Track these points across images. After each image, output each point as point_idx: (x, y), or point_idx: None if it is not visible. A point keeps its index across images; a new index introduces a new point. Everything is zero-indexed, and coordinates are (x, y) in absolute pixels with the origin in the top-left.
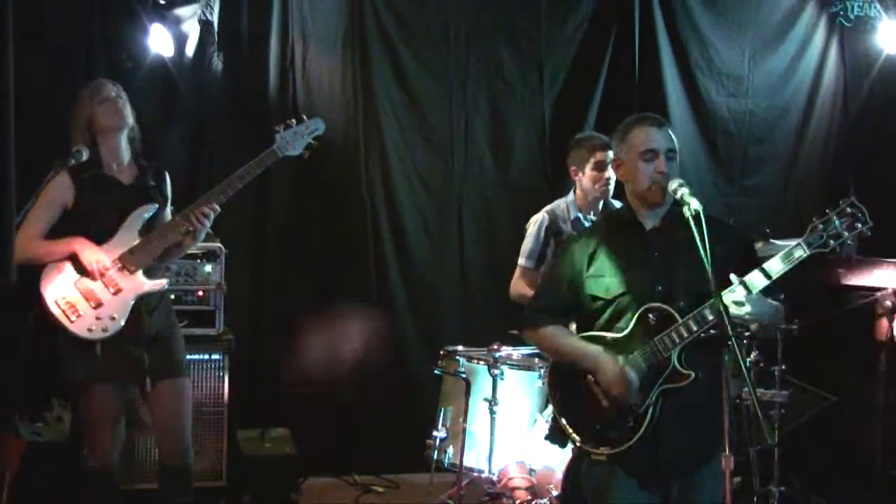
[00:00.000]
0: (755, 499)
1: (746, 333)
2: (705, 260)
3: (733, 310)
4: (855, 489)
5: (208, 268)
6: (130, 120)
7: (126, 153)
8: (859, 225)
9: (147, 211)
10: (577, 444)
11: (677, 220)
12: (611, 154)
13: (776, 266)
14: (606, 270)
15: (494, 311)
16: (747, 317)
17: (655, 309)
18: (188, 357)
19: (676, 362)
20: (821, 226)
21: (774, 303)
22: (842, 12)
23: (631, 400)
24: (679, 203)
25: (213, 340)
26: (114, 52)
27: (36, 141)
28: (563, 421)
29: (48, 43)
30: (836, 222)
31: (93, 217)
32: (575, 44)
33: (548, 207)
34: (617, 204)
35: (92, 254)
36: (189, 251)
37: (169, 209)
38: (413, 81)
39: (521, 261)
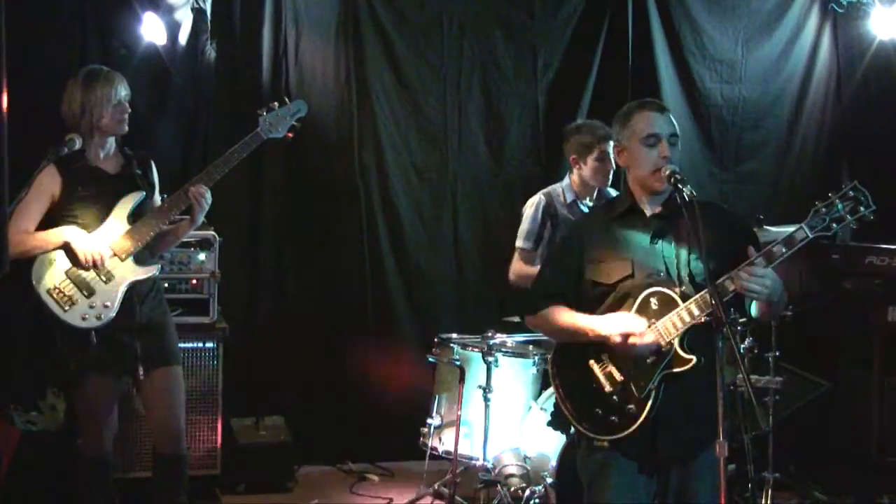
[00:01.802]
0: (750, 485)
1: (742, 320)
2: (698, 244)
3: (753, 283)
4: (850, 475)
5: (202, 256)
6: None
7: (112, 144)
8: (862, 209)
9: (134, 199)
10: (579, 429)
11: (678, 207)
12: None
13: (778, 250)
14: (608, 256)
15: (489, 299)
16: (765, 291)
17: (657, 294)
18: (182, 346)
19: (679, 347)
20: (823, 209)
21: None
22: None
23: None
24: (676, 187)
25: (208, 329)
26: (107, 41)
27: (28, 129)
28: (565, 406)
29: (41, 31)
30: (839, 206)
31: (80, 208)
32: (568, 31)
33: (545, 190)
34: (612, 192)
35: (84, 243)
36: (183, 240)
37: (157, 196)
38: (407, 70)
39: (520, 242)
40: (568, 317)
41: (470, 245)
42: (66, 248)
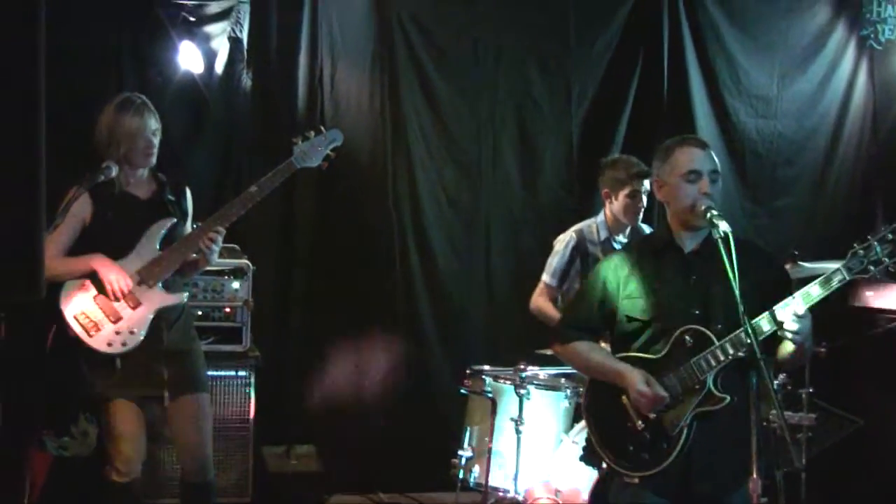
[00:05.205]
0: None
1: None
2: (732, 281)
3: (791, 324)
4: None
5: (235, 284)
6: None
7: (144, 170)
8: None
9: (165, 225)
10: (610, 465)
11: (715, 244)
12: (647, 184)
13: (815, 291)
14: (643, 292)
15: (521, 331)
16: (803, 332)
17: (692, 331)
18: (215, 373)
19: (712, 385)
20: (861, 251)
21: None
22: (872, 35)
23: (660, 408)
24: (711, 223)
25: (240, 357)
26: (144, 69)
27: (64, 157)
28: (596, 441)
29: (78, 59)
30: (878, 249)
31: (110, 233)
32: (603, 64)
33: (576, 227)
34: (646, 228)
35: (112, 273)
36: (217, 268)
37: (189, 223)
38: (441, 101)
39: (545, 277)
40: (599, 356)
41: (502, 277)
42: (93, 276)
